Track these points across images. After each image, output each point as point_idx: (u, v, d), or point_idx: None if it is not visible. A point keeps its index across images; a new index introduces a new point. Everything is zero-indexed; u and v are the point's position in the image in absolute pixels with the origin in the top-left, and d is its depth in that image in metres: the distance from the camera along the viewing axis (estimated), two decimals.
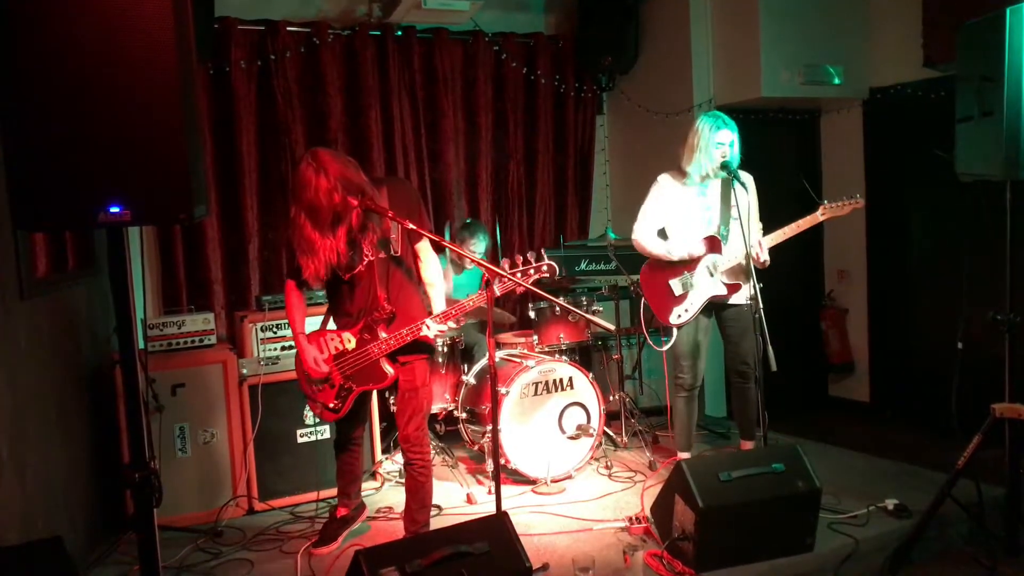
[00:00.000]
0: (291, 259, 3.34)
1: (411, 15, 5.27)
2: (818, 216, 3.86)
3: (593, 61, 5.96)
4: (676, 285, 4.06)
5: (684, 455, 4.26)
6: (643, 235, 4.11)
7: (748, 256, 3.74)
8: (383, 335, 3.26)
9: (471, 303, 3.24)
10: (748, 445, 4.21)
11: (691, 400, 4.22)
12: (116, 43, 1.91)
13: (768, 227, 4.03)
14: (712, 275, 4.01)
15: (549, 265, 3.13)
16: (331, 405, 3.39)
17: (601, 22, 5.84)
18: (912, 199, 5.49)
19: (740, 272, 3.99)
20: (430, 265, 3.48)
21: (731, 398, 4.25)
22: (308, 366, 3.36)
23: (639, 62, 6.00)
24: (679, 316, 4.05)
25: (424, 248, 3.44)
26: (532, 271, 3.12)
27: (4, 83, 1.89)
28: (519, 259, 3.12)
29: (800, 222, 3.87)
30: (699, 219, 4.04)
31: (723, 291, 4.02)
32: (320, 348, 3.37)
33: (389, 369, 3.31)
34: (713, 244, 4.01)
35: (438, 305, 3.48)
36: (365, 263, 3.25)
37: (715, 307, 4.12)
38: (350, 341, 3.32)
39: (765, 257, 3.92)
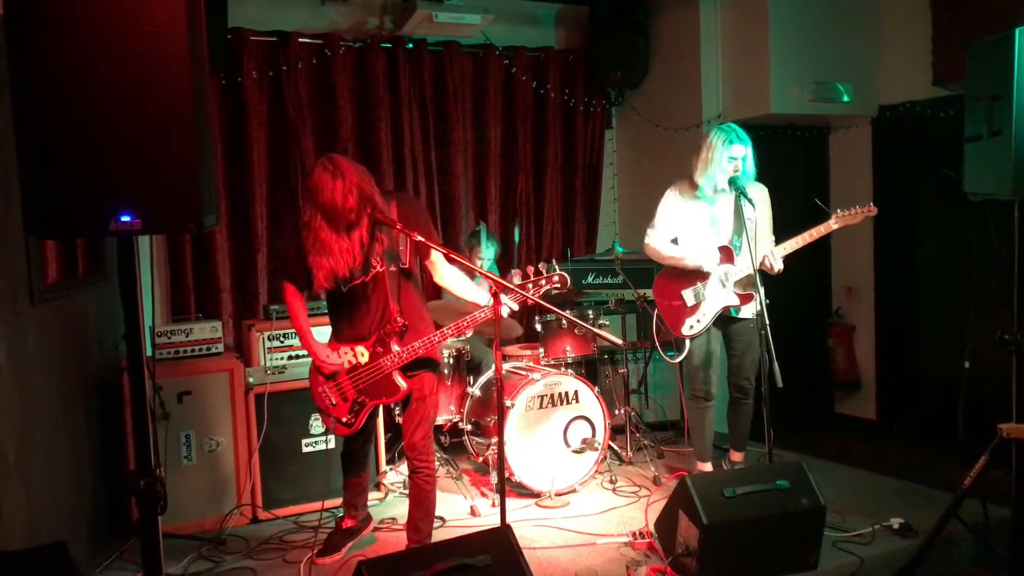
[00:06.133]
0: (295, 263, 3.30)
1: (422, 28, 5.31)
2: (831, 224, 3.88)
3: (603, 75, 5.99)
4: (689, 296, 4.06)
5: (704, 466, 4.29)
6: (656, 240, 4.10)
7: (756, 271, 3.76)
8: (396, 348, 3.26)
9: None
10: (737, 456, 4.28)
11: (708, 411, 4.21)
12: (130, 53, 1.92)
13: (780, 239, 4.03)
14: (724, 286, 4.02)
15: (560, 276, 3.11)
16: (344, 420, 3.39)
17: (611, 37, 5.87)
18: (920, 217, 5.48)
19: (751, 283, 4.00)
20: (446, 273, 3.45)
21: (728, 410, 4.28)
22: (320, 361, 3.33)
23: (649, 77, 6.03)
24: (691, 327, 4.05)
25: (437, 258, 3.42)
26: (544, 282, 3.11)
27: (19, 93, 1.91)
28: (530, 270, 3.12)
29: (813, 230, 3.90)
30: (709, 231, 4.05)
31: (736, 301, 4.02)
32: None
33: (402, 383, 3.31)
34: (727, 255, 4.02)
35: (480, 294, 3.41)
36: (372, 274, 3.27)
37: (722, 320, 4.12)
38: (363, 355, 3.31)
39: (780, 266, 3.94)
